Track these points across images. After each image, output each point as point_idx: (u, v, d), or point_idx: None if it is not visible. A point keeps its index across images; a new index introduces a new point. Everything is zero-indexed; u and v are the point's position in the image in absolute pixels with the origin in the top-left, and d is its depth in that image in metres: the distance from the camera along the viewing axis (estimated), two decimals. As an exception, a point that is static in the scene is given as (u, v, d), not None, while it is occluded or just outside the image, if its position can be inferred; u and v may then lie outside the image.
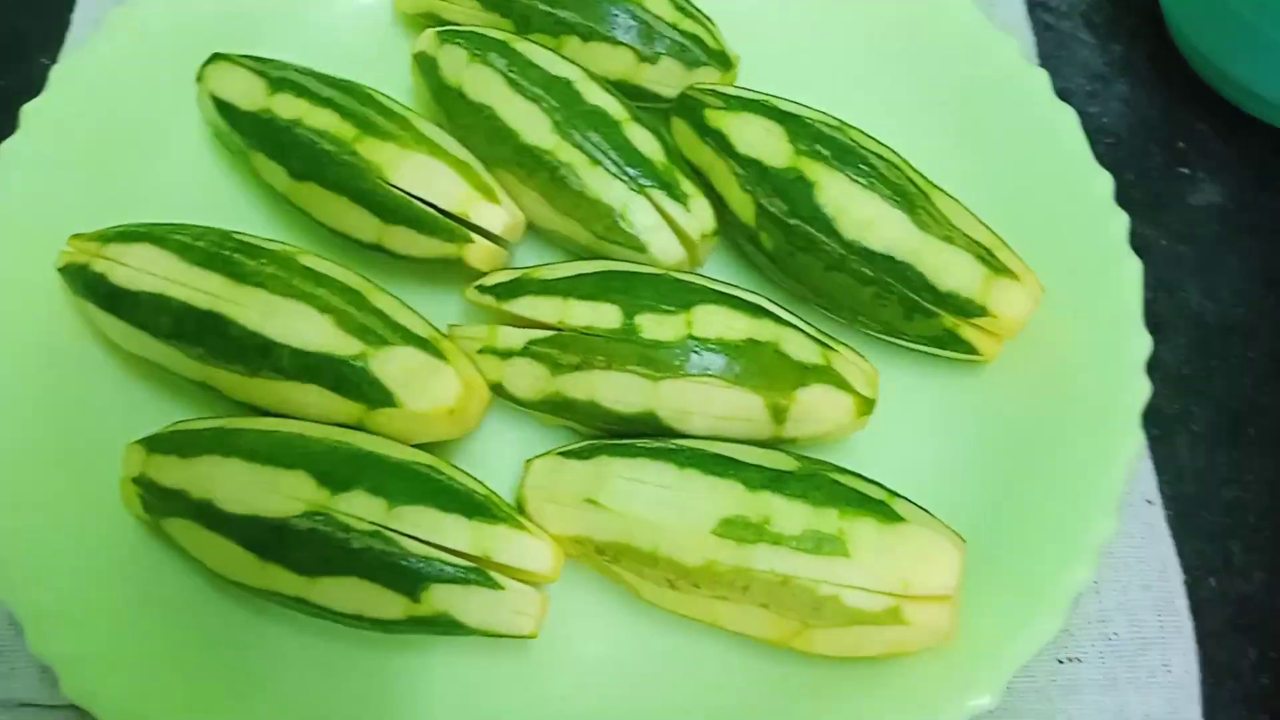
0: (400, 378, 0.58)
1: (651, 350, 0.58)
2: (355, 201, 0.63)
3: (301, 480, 0.54)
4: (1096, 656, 0.59)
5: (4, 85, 0.80)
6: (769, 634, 0.55)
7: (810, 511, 0.53)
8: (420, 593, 0.53)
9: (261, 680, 0.57)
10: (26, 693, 0.59)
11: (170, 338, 0.59)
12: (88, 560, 0.59)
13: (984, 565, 0.56)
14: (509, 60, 0.66)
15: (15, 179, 0.67)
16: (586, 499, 0.56)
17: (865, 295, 0.61)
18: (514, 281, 0.62)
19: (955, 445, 0.63)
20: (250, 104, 0.66)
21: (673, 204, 0.63)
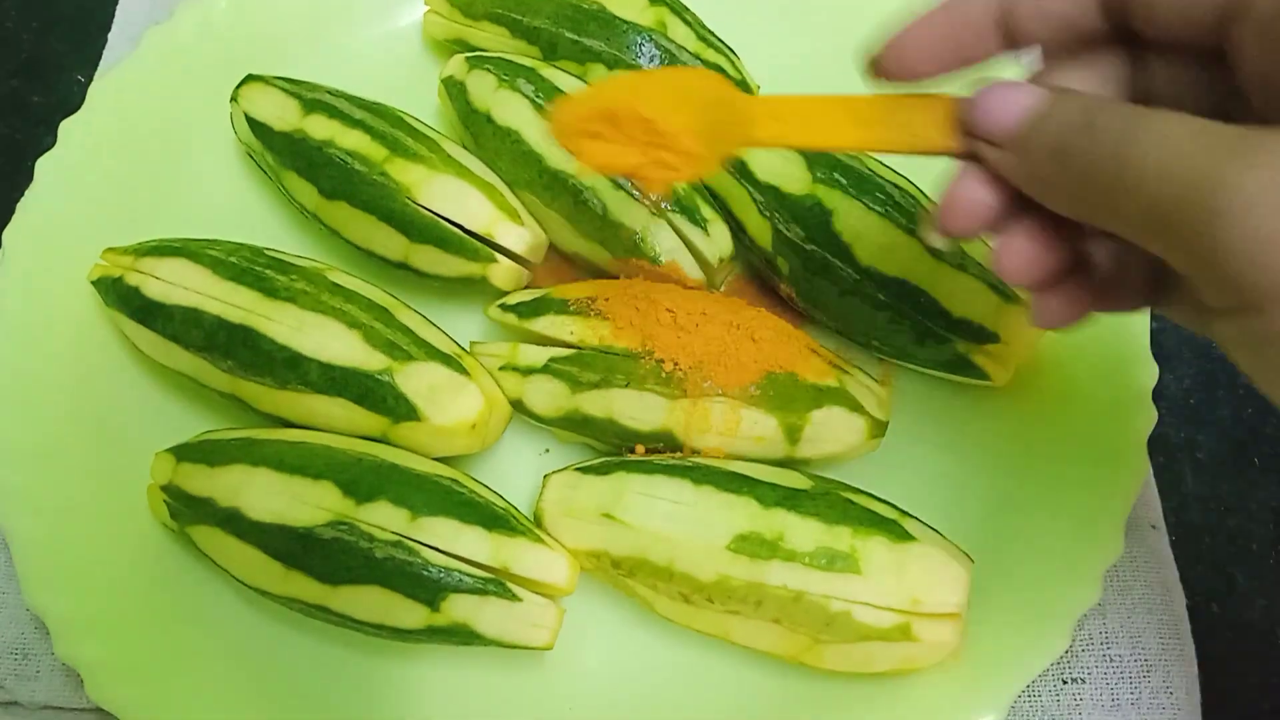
0: (424, 393, 0.59)
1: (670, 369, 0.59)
2: (384, 220, 0.65)
3: (327, 490, 0.55)
4: (1100, 678, 0.59)
5: (41, 101, 0.82)
6: (780, 649, 0.56)
7: (823, 529, 0.54)
8: (440, 603, 0.54)
9: (282, 687, 0.59)
10: (51, 695, 0.60)
11: (201, 350, 0.61)
12: (114, 566, 0.60)
13: (991, 585, 0.57)
14: (536, 86, 0.67)
15: (52, 192, 0.69)
16: (603, 514, 0.57)
17: (879, 320, 0.63)
18: (535, 301, 0.64)
19: (964, 467, 0.64)
20: (284, 124, 0.68)
21: (692, 228, 0.65)
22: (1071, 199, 0.38)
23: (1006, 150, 0.39)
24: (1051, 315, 0.43)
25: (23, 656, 0.61)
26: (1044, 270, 0.42)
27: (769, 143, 0.46)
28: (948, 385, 0.65)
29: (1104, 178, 0.35)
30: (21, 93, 0.83)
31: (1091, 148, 0.35)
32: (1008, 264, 0.41)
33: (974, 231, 0.42)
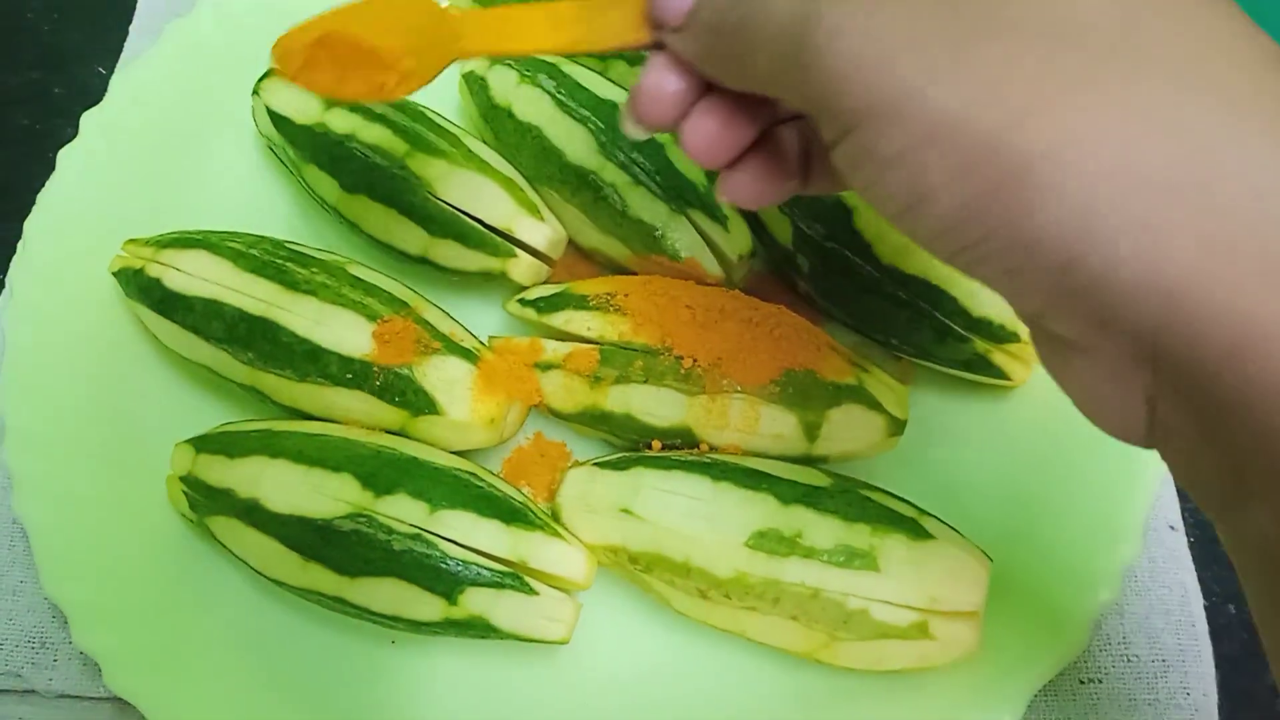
0: (443, 387, 0.59)
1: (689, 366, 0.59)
2: (404, 214, 0.65)
3: (346, 483, 0.56)
4: (1117, 678, 0.59)
5: (62, 93, 0.83)
6: (797, 646, 0.56)
7: (842, 527, 0.54)
8: (457, 595, 0.54)
9: (298, 677, 0.59)
10: (68, 684, 0.60)
11: (221, 342, 0.61)
12: (132, 556, 0.60)
13: (1008, 585, 0.57)
14: (558, 82, 0.67)
15: (73, 184, 0.69)
16: (621, 509, 0.57)
17: (899, 318, 0.63)
18: (555, 296, 0.64)
19: (983, 466, 0.64)
20: (305, 118, 0.68)
21: (712, 225, 0.65)
22: (728, 70, 0.41)
23: (683, 33, 0.42)
24: (740, 192, 0.46)
25: (40, 645, 0.61)
26: (727, 145, 0.44)
27: (478, 52, 0.48)
28: (966, 384, 0.65)
29: (741, 43, 0.38)
30: (42, 83, 0.83)
31: (732, 17, 0.39)
32: (689, 140, 0.44)
33: (667, 119, 0.44)
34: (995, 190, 0.31)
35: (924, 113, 0.32)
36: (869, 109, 0.34)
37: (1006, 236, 0.32)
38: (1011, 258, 0.33)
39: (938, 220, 0.34)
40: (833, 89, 0.35)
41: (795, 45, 0.35)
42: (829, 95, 0.35)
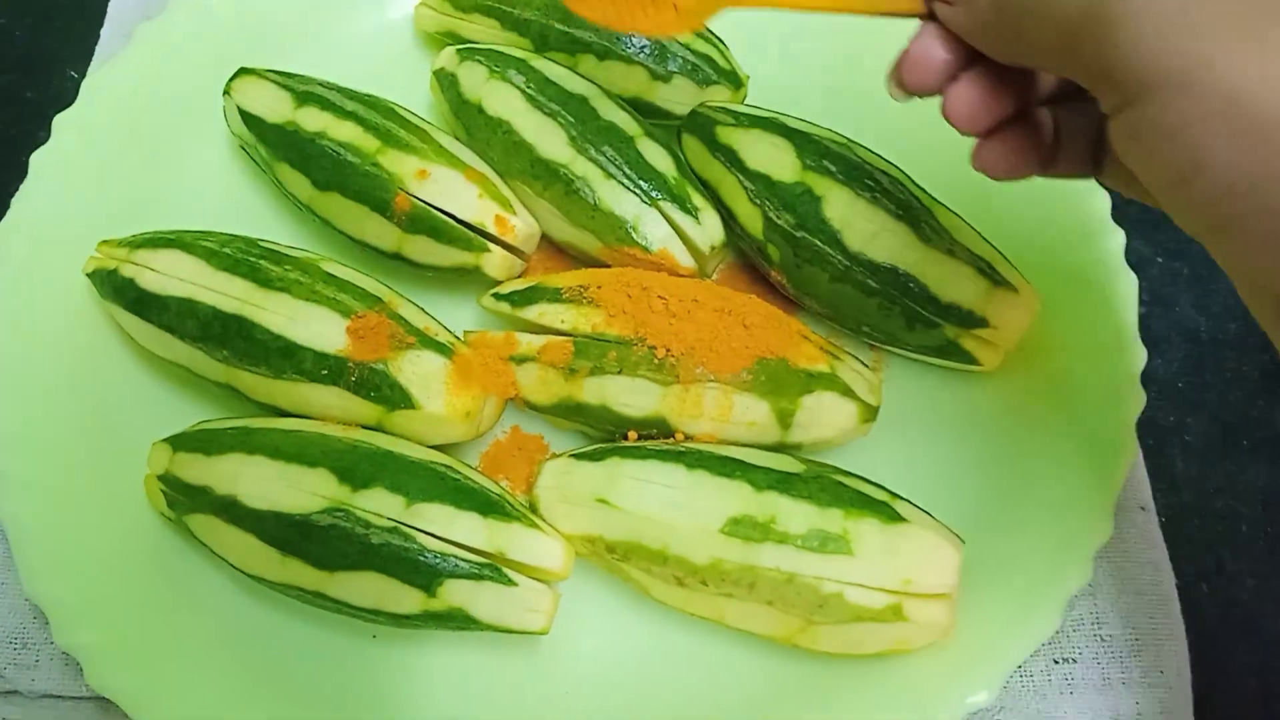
0: (419, 381, 0.59)
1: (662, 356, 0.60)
2: (376, 211, 0.65)
3: (323, 478, 0.56)
4: (1091, 658, 0.60)
5: (34, 97, 0.83)
6: (774, 631, 0.56)
7: (816, 512, 0.55)
8: (436, 588, 0.55)
9: (280, 673, 0.59)
10: (50, 684, 0.60)
11: (196, 340, 0.61)
12: (112, 555, 0.60)
13: (982, 567, 0.58)
14: (527, 77, 0.68)
15: (47, 187, 0.69)
16: (598, 499, 0.58)
17: (870, 306, 0.63)
18: (528, 290, 0.64)
19: (955, 451, 0.65)
20: (276, 116, 0.68)
21: (684, 217, 0.65)
22: (1006, 42, 0.42)
23: (958, 7, 0.43)
24: (992, 160, 0.48)
25: (22, 645, 0.61)
26: (987, 115, 0.46)
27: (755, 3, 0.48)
28: (938, 370, 0.66)
29: (1029, 16, 0.39)
30: (15, 88, 0.83)
31: None
32: (954, 106, 0.45)
33: (932, 86, 0.46)
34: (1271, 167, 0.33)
35: (1214, 86, 0.33)
36: (1157, 79, 0.35)
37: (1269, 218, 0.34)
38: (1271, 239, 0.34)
39: (1211, 190, 0.35)
40: (1122, 59, 0.36)
41: (1089, 18, 0.37)
42: (1118, 66, 0.36)
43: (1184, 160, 0.36)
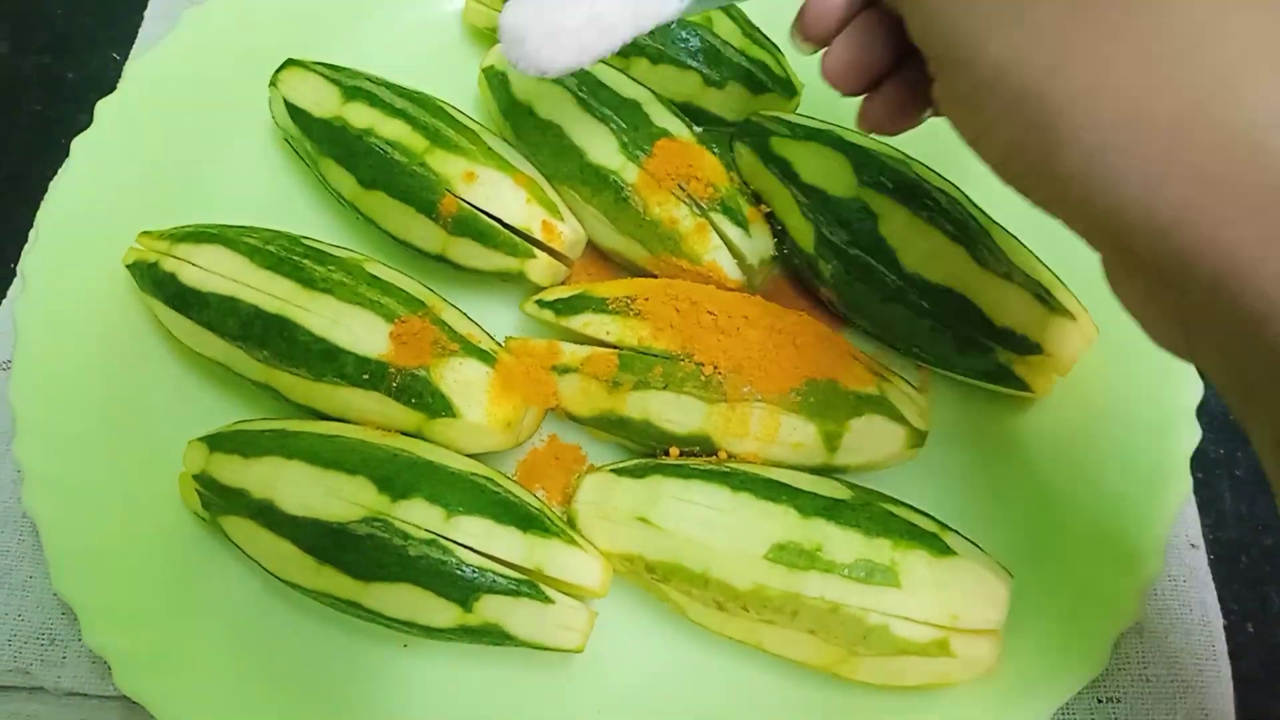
0: (460, 389, 0.59)
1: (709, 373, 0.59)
2: (422, 212, 0.64)
3: (362, 486, 0.55)
4: (1135, 697, 0.59)
5: (74, 78, 0.82)
6: (814, 660, 0.55)
7: (863, 541, 0.54)
8: (472, 602, 0.54)
9: (309, 680, 0.58)
10: (76, 683, 0.60)
11: (236, 339, 0.60)
12: (144, 555, 0.60)
13: (1028, 602, 0.57)
14: (579, 79, 0.67)
15: (87, 173, 0.68)
16: (638, 517, 0.57)
17: (921, 327, 0.62)
18: (573, 298, 0.63)
19: (1004, 480, 0.63)
20: (323, 111, 0.67)
21: (734, 229, 0.64)
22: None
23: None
24: (876, 119, 0.50)
25: (49, 642, 0.60)
26: (861, 73, 0.49)
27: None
28: (987, 394, 0.65)
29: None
30: (54, 68, 0.82)
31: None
32: (828, 64, 0.49)
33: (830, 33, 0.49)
34: (1031, 131, 0.36)
35: (983, 61, 0.37)
36: (946, 56, 0.40)
37: (1042, 171, 0.37)
38: (1049, 190, 0.38)
39: (993, 153, 0.40)
40: (926, 34, 0.41)
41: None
42: (923, 40, 0.42)
43: (972, 125, 0.40)
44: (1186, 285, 0.34)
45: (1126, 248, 0.36)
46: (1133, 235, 0.34)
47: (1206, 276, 0.33)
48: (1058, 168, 0.36)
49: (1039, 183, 0.38)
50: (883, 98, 0.49)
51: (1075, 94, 0.34)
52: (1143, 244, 0.34)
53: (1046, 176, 0.37)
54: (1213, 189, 0.32)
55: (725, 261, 0.64)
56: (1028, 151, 0.37)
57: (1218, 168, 0.32)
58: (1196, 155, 0.32)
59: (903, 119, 0.50)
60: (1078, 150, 0.35)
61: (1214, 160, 0.32)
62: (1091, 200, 0.35)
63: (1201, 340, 0.36)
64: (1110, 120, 0.34)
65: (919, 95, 0.49)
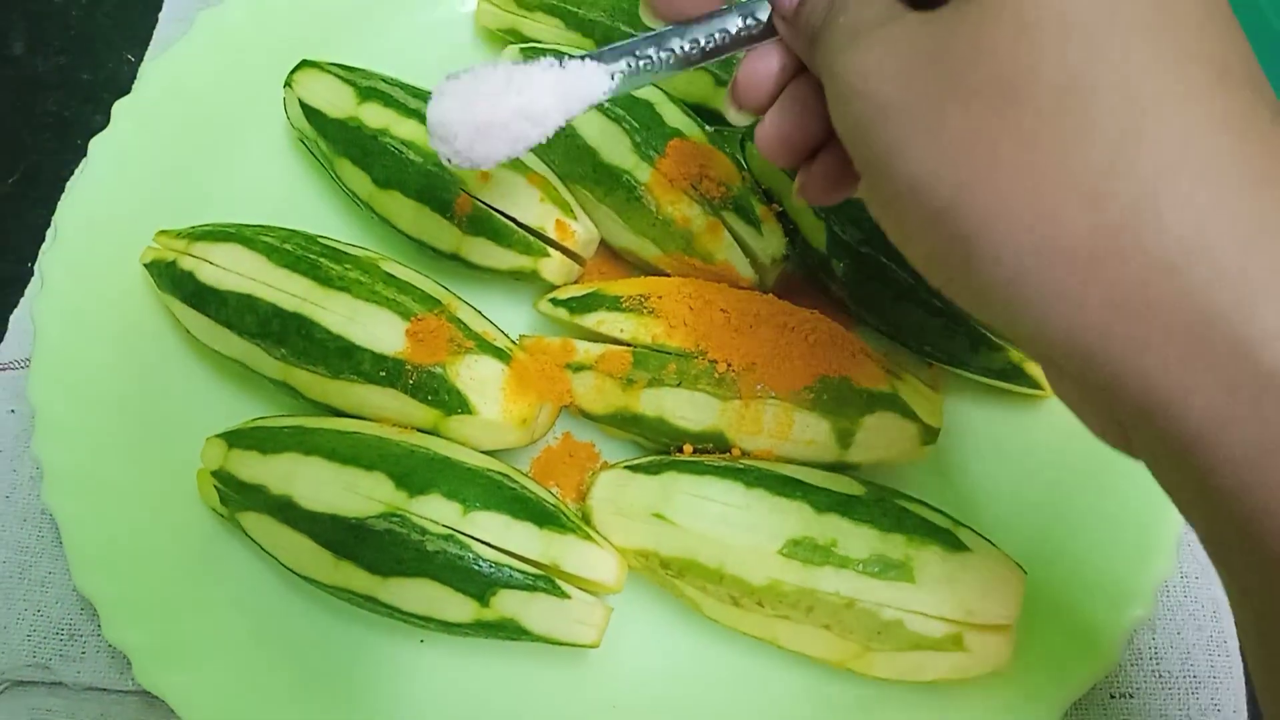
0: (476, 387, 0.59)
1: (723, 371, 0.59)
2: (436, 211, 0.64)
3: (380, 481, 0.55)
4: (1148, 693, 0.59)
5: (90, 79, 0.82)
6: (829, 655, 0.56)
7: (878, 536, 0.54)
8: (489, 598, 0.54)
9: (326, 674, 0.59)
10: (95, 677, 0.60)
11: (254, 337, 0.60)
12: (163, 550, 0.60)
13: (1041, 598, 0.57)
14: (593, 80, 0.67)
15: (105, 173, 0.69)
16: (653, 513, 0.57)
17: (934, 326, 0.62)
18: (587, 296, 0.64)
19: (1015, 476, 0.64)
20: (338, 111, 0.67)
21: (746, 228, 0.64)
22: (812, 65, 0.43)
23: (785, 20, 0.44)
24: (814, 191, 0.47)
25: (69, 637, 0.61)
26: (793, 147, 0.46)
27: None
28: (998, 393, 0.65)
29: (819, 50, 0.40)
30: (70, 69, 0.83)
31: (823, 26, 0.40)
32: (763, 136, 0.46)
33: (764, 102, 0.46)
34: (950, 247, 0.34)
35: (899, 173, 0.35)
36: (863, 160, 0.38)
37: (964, 285, 0.35)
38: (973, 302, 0.35)
39: (917, 260, 0.38)
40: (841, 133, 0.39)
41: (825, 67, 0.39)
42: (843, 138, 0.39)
43: (893, 232, 0.38)
44: (1117, 405, 0.33)
45: (1050, 364, 0.35)
46: (1057, 355, 0.33)
47: (1134, 401, 0.31)
48: (977, 284, 0.34)
49: (962, 294, 0.36)
50: (820, 168, 0.47)
51: (988, 214, 0.32)
52: (1069, 364, 0.33)
53: (968, 290, 0.35)
54: (1136, 318, 0.30)
55: (738, 260, 0.64)
56: (949, 265, 0.35)
57: (1138, 295, 0.30)
58: (1115, 281, 0.30)
59: (841, 189, 0.47)
60: (997, 271, 0.33)
61: (1134, 288, 0.30)
62: (1014, 320, 0.33)
63: (1140, 449, 0.34)
64: (1025, 244, 0.32)
65: None
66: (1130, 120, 0.30)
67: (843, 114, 0.38)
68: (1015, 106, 0.32)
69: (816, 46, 0.40)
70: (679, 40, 0.45)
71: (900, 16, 0.36)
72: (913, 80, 0.34)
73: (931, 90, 0.34)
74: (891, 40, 0.35)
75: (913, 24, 0.35)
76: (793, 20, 0.43)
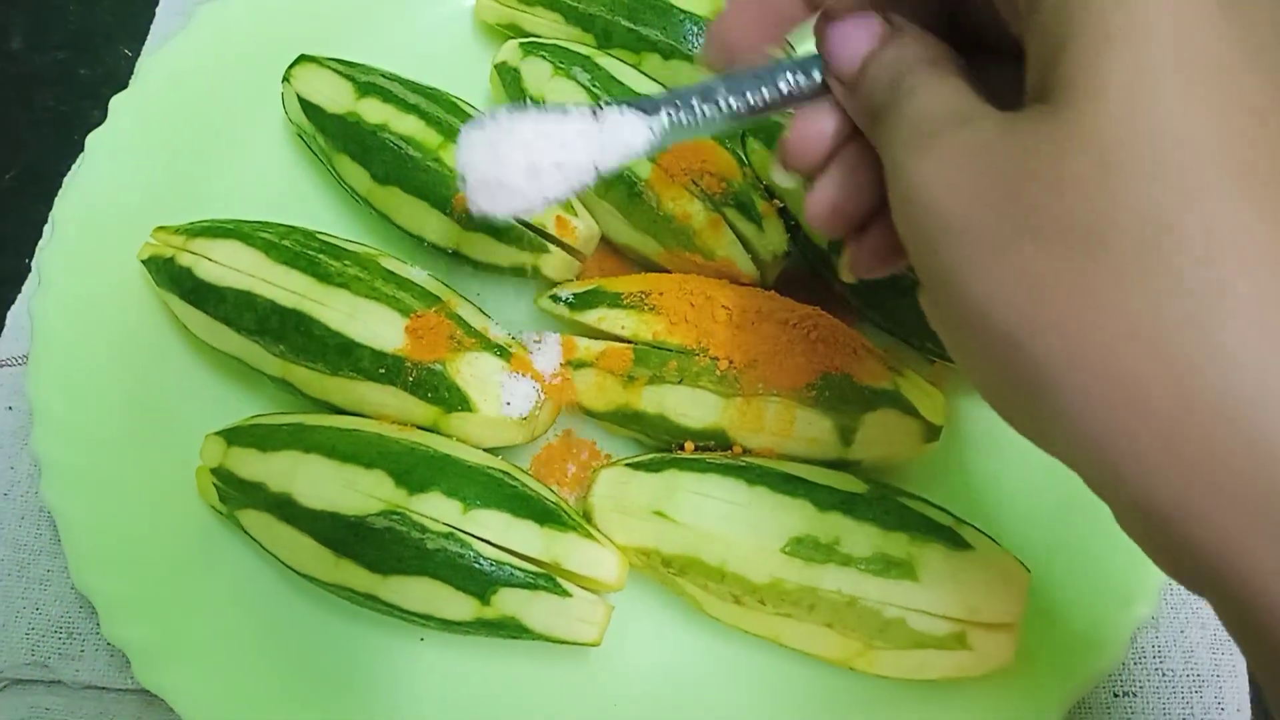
0: (476, 383, 0.59)
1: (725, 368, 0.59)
2: (436, 207, 0.64)
3: (380, 479, 0.55)
4: (1152, 691, 0.59)
5: (88, 74, 0.82)
6: (832, 653, 0.55)
7: (880, 535, 0.54)
8: (490, 596, 0.54)
9: (326, 672, 0.59)
10: (94, 676, 0.60)
11: (253, 334, 0.60)
12: (160, 547, 0.60)
13: (1044, 596, 0.57)
14: (592, 75, 0.67)
15: (102, 169, 0.68)
16: (655, 511, 0.57)
17: (935, 322, 0.62)
18: (588, 293, 0.63)
19: (1019, 474, 0.63)
20: (337, 107, 0.67)
21: (747, 224, 0.64)
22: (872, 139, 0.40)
23: (844, 85, 0.41)
24: (865, 265, 0.45)
25: (68, 635, 0.61)
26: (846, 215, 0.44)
27: None
28: (1001, 390, 0.64)
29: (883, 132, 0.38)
30: (68, 64, 0.82)
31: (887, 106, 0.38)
32: (813, 206, 0.44)
33: (814, 164, 0.44)
34: (1014, 381, 0.32)
35: (964, 295, 0.33)
36: (925, 271, 0.35)
37: (1027, 419, 0.34)
38: (1035, 436, 0.34)
39: (972, 379, 0.36)
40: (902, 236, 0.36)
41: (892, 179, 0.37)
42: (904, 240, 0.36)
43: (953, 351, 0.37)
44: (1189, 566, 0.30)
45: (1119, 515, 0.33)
46: (1127, 509, 0.31)
47: (1210, 571, 0.29)
48: (1042, 424, 0.32)
49: (1023, 425, 0.34)
50: (872, 242, 0.44)
51: (1058, 358, 0.30)
52: (1139, 520, 0.31)
53: (1030, 423, 0.34)
54: (1220, 491, 0.28)
55: (739, 256, 0.64)
56: (1010, 396, 0.34)
57: (1223, 469, 0.28)
58: (1197, 451, 0.28)
59: (893, 264, 0.45)
60: (1063, 417, 0.31)
61: (1218, 460, 0.28)
62: (1080, 465, 0.32)
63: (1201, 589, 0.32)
64: (1100, 396, 0.30)
65: None
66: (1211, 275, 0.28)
67: (907, 219, 0.35)
68: (1095, 250, 0.29)
69: (879, 127, 0.38)
70: (725, 94, 0.42)
71: (975, 119, 0.34)
72: (986, 201, 0.32)
73: (1006, 216, 0.31)
74: (966, 152, 0.33)
75: (989, 132, 0.33)
76: (852, 88, 0.41)
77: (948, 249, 0.33)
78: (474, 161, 0.43)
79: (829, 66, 0.41)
